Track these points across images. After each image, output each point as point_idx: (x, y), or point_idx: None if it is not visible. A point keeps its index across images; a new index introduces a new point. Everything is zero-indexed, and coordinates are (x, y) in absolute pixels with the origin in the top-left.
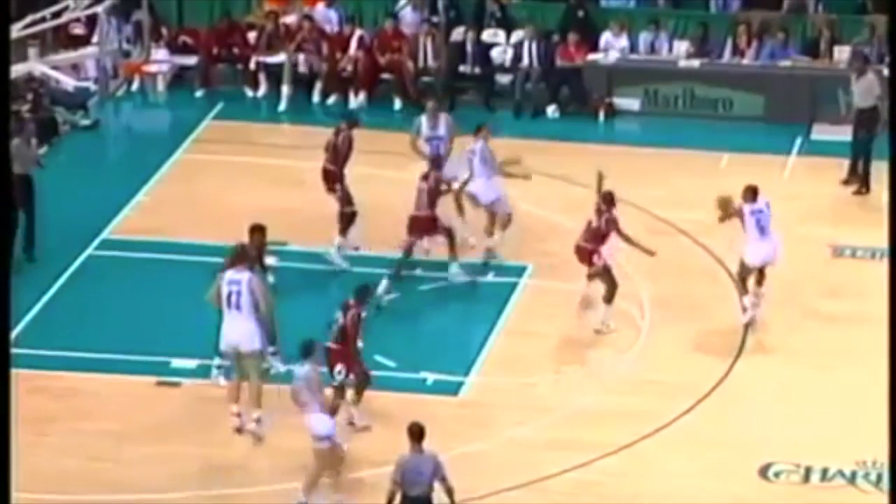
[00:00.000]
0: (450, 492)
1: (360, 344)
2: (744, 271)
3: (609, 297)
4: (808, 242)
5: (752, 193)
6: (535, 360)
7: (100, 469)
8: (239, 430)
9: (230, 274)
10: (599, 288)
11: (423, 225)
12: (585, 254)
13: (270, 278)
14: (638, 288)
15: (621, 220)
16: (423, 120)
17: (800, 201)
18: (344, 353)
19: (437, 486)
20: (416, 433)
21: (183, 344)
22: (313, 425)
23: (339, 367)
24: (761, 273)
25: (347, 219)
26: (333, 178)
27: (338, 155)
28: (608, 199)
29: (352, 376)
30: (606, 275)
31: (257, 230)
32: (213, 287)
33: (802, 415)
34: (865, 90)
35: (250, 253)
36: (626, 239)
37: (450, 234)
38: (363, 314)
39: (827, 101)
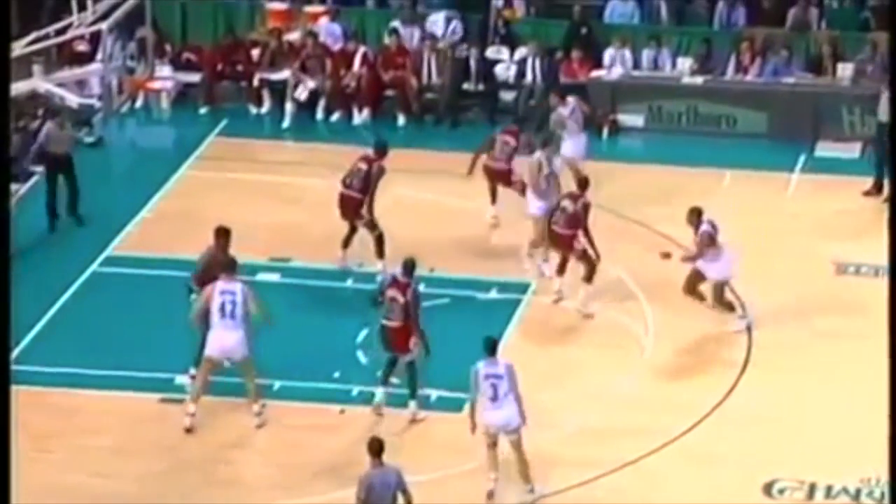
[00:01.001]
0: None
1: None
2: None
3: (589, 277)
4: (811, 260)
5: (696, 215)
6: (538, 377)
7: (102, 485)
8: (188, 430)
9: (222, 285)
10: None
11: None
12: (567, 240)
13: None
14: (642, 305)
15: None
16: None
17: (803, 219)
18: (409, 329)
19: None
20: (376, 448)
21: (187, 361)
22: (507, 418)
23: (413, 340)
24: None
25: (380, 242)
26: (357, 205)
27: (368, 184)
28: (584, 184)
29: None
30: (585, 256)
31: (223, 233)
32: (197, 305)
33: (807, 431)
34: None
35: (219, 257)
36: (586, 230)
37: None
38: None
39: (830, 118)
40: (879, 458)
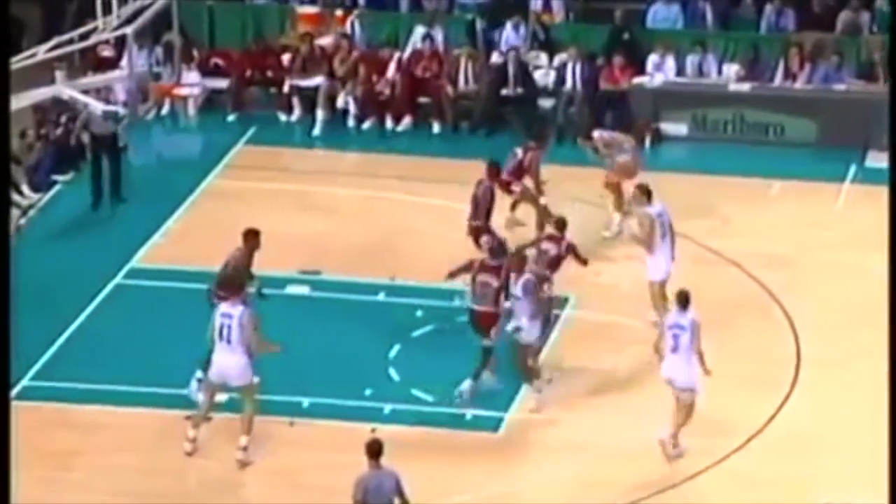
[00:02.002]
0: None
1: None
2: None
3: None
4: (861, 273)
5: (647, 195)
6: (576, 396)
7: None
8: (189, 454)
9: (224, 307)
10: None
11: None
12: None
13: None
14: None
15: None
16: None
17: (853, 230)
18: (496, 316)
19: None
20: (375, 450)
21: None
22: (677, 373)
23: (495, 328)
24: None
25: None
26: (478, 233)
27: (478, 208)
28: (562, 226)
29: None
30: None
31: (252, 235)
32: (212, 323)
33: (856, 452)
34: None
35: (245, 260)
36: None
37: None
38: None
39: (883, 126)
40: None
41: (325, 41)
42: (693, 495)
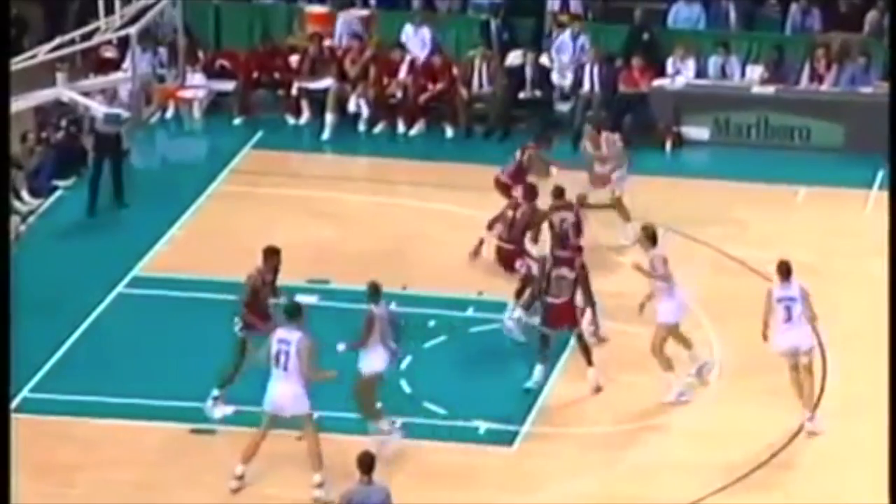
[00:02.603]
0: None
1: None
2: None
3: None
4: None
5: (651, 239)
6: (595, 409)
7: None
8: (235, 491)
9: (281, 332)
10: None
11: None
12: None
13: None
14: (707, 332)
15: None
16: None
17: (881, 238)
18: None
19: None
20: (366, 463)
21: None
22: (800, 340)
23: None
24: None
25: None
26: (512, 256)
27: (514, 229)
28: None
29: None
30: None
31: (272, 253)
32: (265, 347)
33: (881, 469)
34: None
35: (266, 279)
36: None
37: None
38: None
39: None
40: None
41: (334, 42)
42: None
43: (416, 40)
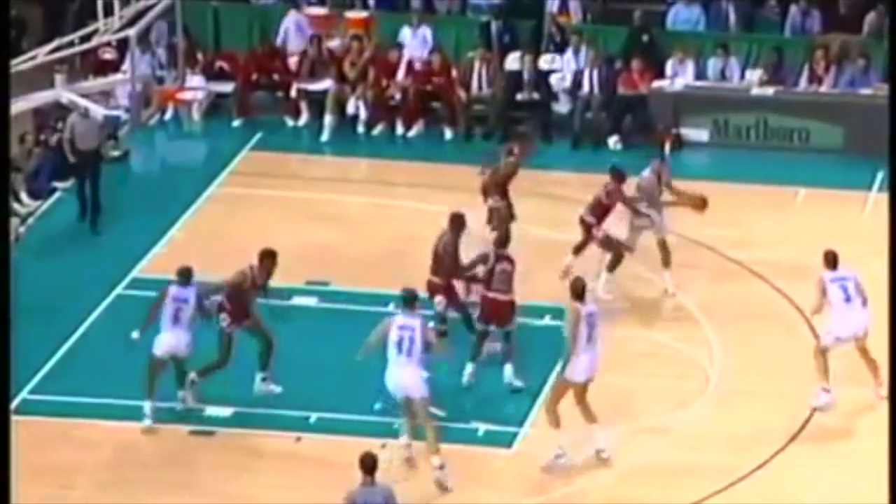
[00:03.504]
0: None
1: None
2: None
3: (612, 266)
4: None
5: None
6: (595, 410)
7: None
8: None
9: (402, 319)
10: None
11: None
12: (505, 306)
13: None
14: (707, 334)
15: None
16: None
17: (881, 241)
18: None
19: None
20: (369, 465)
21: (217, 390)
22: (864, 324)
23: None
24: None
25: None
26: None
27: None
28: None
29: None
30: (608, 244)
31: (268, 256)
32: (378, 331)
33: (880, 470)
34: None
35: (257, 280)
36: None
37: None
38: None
39: None
40: None
41: (334, 43)
42: None
43: (416, 42)
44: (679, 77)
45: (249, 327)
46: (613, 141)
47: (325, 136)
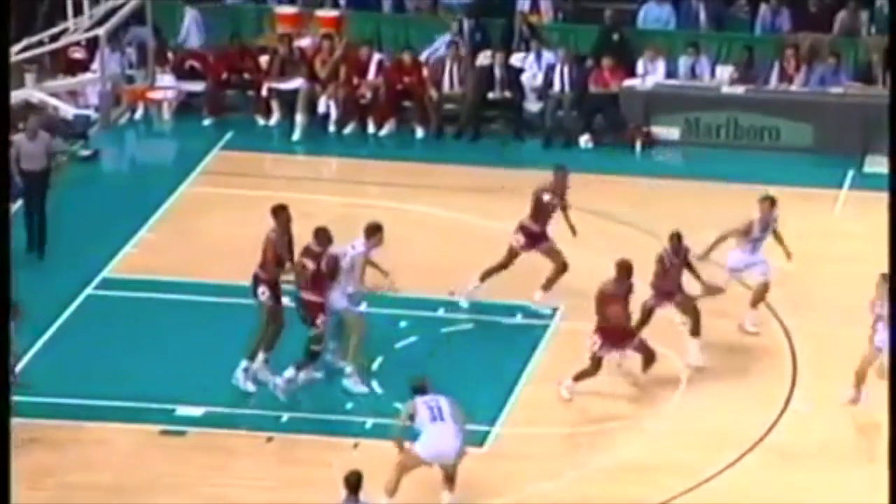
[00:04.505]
0: None
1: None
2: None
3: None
4: (861, 283)
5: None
6: (566, 410)
7: None
8: None
9: (423, 399)
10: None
11: None
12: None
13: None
14: (679, 334)
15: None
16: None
17: (851, 239)
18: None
19: None
20: (353, 483)
21: (189, 390)
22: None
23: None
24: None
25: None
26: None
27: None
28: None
29: None
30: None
31: (280, 209)
32: (404, 413)
33: (849, 469)
34: None
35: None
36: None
37: None
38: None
39: (881, 130)
40: None
41: (305, 42)
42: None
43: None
44: (650, 75)
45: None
46: (584, 139)
47: (296, 136)
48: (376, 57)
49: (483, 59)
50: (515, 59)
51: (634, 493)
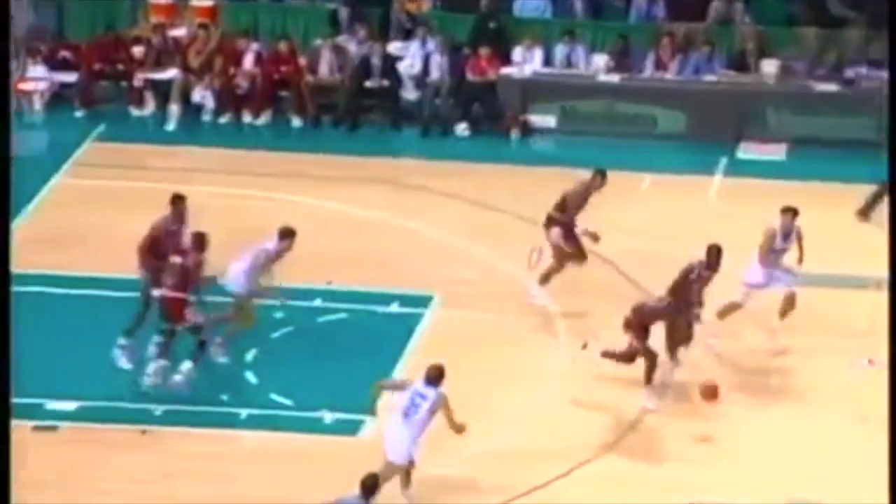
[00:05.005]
0: None
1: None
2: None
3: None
4: (735, 267)
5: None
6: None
7: None
8: None
9: (419, 386)
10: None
11: None
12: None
13: None
14: (555, 318)
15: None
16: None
17: (725, 224)
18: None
19: None
20: (370, 486)
21: (60, 384)
22: None
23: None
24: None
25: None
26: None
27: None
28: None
29: None
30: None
31: (178, 200)
32: (396, 384)
33: (727, 452)
34: None
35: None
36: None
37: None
38: None
39: (754, 118)
40: (805, 477)
41: (179, 32)
42: (561, 498)
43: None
44: (527, 64)
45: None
46: (462, 128)
47: (170, 126)
48: (253, 47)
49: (360, 47)
50: (393, 48)
51: (498, 479)
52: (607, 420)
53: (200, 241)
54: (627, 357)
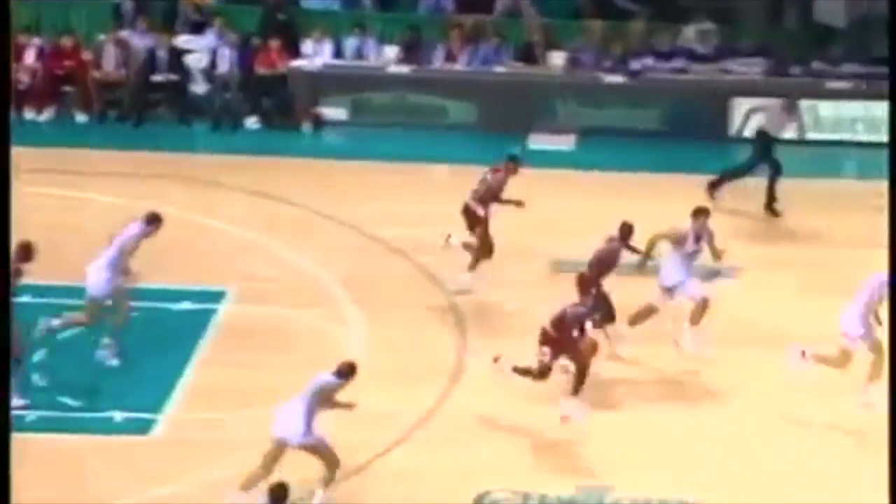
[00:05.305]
0: None
1: None
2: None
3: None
4: (526, 257)
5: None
6: (234, 393)
7: None
8: None
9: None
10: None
11: None
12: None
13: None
14: (348, 310)
15: None
16: None
17: (518, 214)
18: None
19: None
20: (279, 495)
21: None
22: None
23: None
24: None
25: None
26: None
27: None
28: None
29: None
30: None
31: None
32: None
33: (520, 441)
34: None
35: None
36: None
37: None
38: None
39: (543, 109)
40: (597, 464)
41: None
42: (354, 492)
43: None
44: (317, 56)
45: None
46: (252, 121)
47: None
48: (35, 42)
49: (146, 41)
50: (181, 41)
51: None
52: (395, 412)
53: (25, 252)
54: (540, 373)
